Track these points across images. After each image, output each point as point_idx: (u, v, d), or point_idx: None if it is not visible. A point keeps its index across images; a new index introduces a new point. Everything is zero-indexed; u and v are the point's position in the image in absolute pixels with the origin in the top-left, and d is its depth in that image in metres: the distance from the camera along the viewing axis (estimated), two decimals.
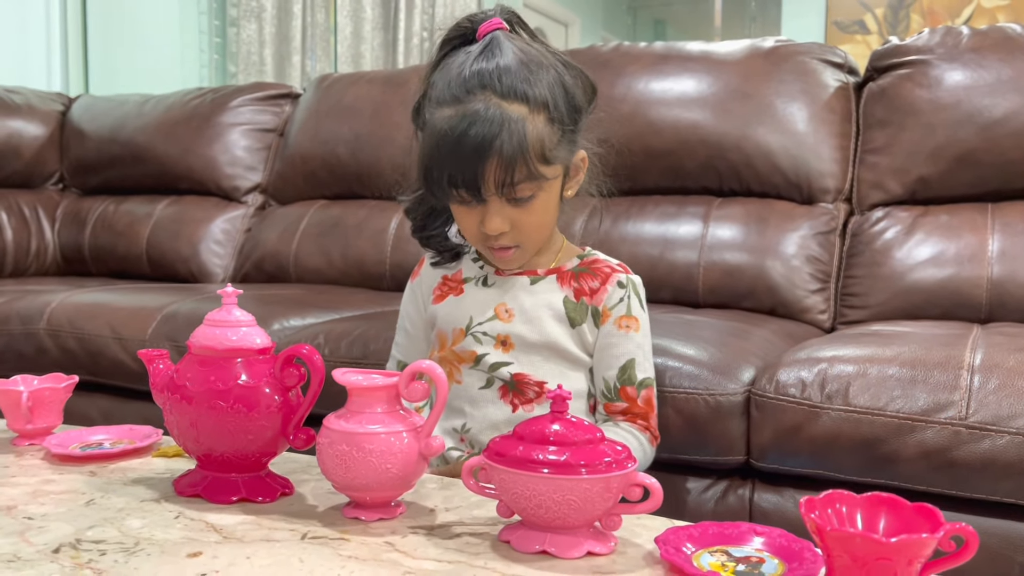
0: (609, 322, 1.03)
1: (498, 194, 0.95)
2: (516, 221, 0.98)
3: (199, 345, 0.73)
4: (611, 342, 1.03)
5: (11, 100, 2.48)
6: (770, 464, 1.13)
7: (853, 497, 0.56)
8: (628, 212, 1.84)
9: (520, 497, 0.61)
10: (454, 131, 0.93)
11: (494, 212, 0.97)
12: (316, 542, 0.63)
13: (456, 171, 0.94)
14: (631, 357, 1.03)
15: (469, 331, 1.03)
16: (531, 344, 1.02)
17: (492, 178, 0.94)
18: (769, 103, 1.79)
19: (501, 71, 0.95)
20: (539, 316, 1.02)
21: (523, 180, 0.95)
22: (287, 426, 0.72)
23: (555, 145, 0.97)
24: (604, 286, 1.04)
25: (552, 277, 1.05)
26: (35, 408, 0.88)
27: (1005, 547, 1.02)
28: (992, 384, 1.03)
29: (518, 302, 1.03)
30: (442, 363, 1.04)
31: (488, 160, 0.93)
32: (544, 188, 0.98)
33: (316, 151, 2.20)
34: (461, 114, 0.94)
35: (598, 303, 1.03)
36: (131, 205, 2.37)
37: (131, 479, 0.78)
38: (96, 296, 1.71)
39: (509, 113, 0.94)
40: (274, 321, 1.52)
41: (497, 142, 0.93)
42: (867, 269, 1.66)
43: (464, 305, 1.05)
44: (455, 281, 1.08)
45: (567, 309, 1.03)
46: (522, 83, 0.95)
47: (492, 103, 0.94)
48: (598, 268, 1.06)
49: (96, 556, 0.60)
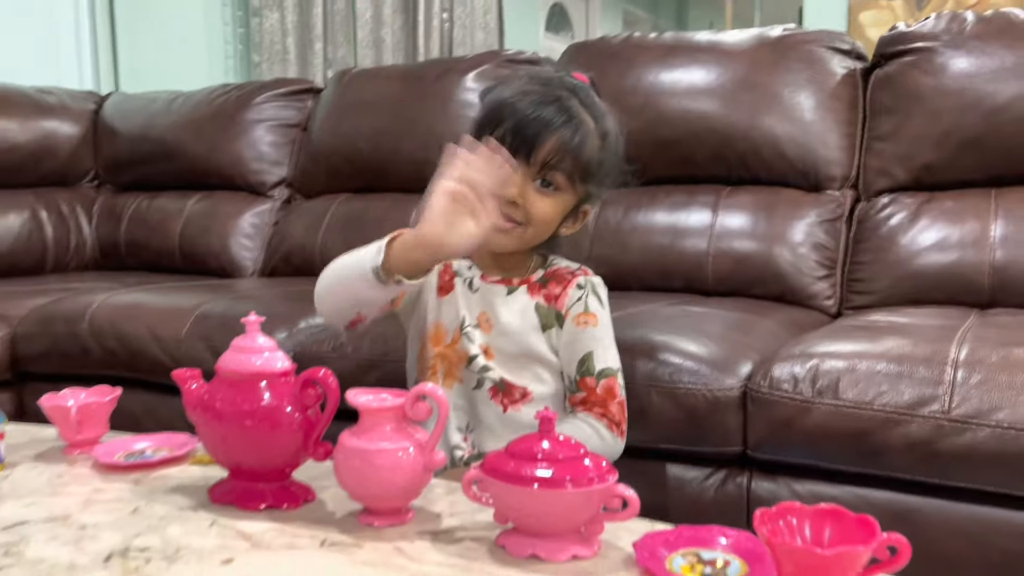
0: (568, 320, 1.10)
1: (537, 168, 1.05)
2: (531, 201, 1.06)
3: (227, 369, 0.81)
4: (572, 339, 1.10)
5: (45, 101, 2.57)
6: (766, 455, 1.20)
7: (803, 509, 0.62)
8: (639, 202, 1.89)
9: (512, 508, 0.69)
10: (535, 96, 1.05)
11: (519, 182, 1.04)
12: (334, 549, 0.71)
13: (521, 127, 1.03)
14: (589, 350, 1.10)
15: (463, 331, 1.10)
16: (509, 354, 1.10)
17: (546, 149, 1.04)
18: (776, 92, 1.83)
19: (587, 91, 1.10)
20: (516, 328, 1.10)
21: (563, 171, 1.05)
22: (307, 441, 0.80)
23: (592, 171, 1.08)
24: (565, 290, 1.12)
25: (524, 288, 1.12)
26: (83, 420, 0.97)
27: (987, 533, 1.08)
28: (975, 379, 1.08)
29: (496, 313, 1.11)
30: (443, 359, 1.11)
31: (553, 134, 1.04)
32: (566, 193, 1.08)
33: (338, 146, 2.27)
34: (549, 88, 1.07)
35: (560, 307, 1.11)
36: (163, 201, 2.47)
37: (171, 487, 0.86)
38: (134, 297, 1.80)
39: (583, 117, 1.07)
40: (300, 320, 1.60)
41: (569, 127, 1.05)
42: (873, 255, 1.70)
43: (457, 304, 1.12)
44: (448, 275, 1.14)
45: (539, 315, 1.11)
46: (598, 112, 1.10)
47: (574, 102, 1.07)
48: (560, 275, 1.13)
49: (142, 564, 0.68)
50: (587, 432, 1.07)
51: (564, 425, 1.07)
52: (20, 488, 0.87)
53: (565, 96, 1.07)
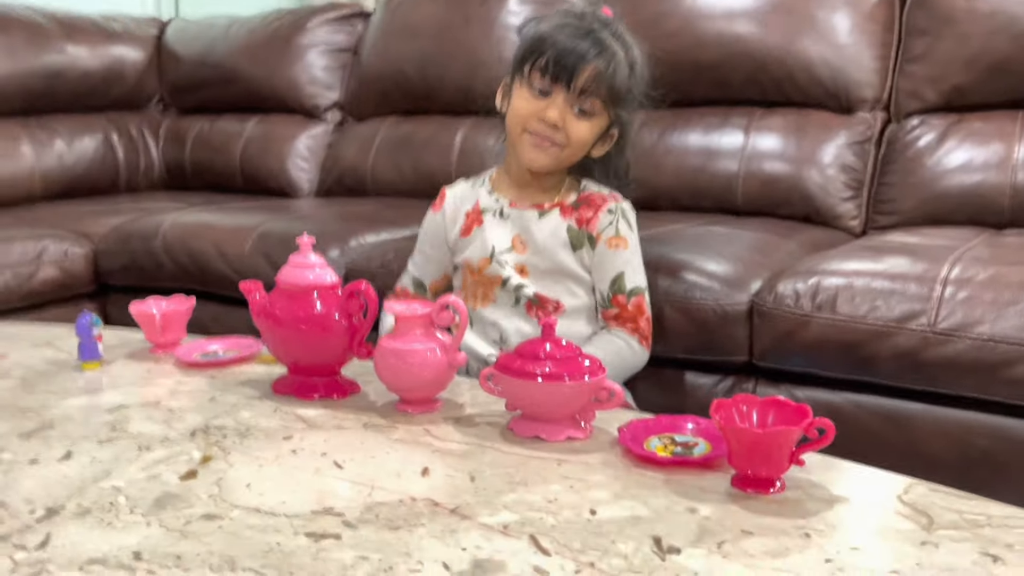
0: (601, 243, 1.22)
1: (576, 95, 1.16)
2: (570, 125, 1.17)
3: (285, 282, 0.95)
4: (604, 259, 1.22)
5: (111, 27, 2.70)
6: (769, 364, 1.31)
7: (753, 399, 0.74)
8: (675, 124, 1.95)
9: (519, 397, 0.82)
10: (573, 28, 1.17)
11: (557, 105, 1.16)
12: (373, 429, 0.86)
13: (561, 57, 1.15)
14: (620, 271, 1.22)
15: (493, 258, 1.23)
16: (543, 271, 1.22)
17: (585, 77, 1.14)
18: (812, 15, 1.85)
19: (616, 24, 1.21)
20: (548, 246, 1.22)
21: (599, 97, 1.17)
22: (352, 342, 0.94)
23: (622, 97, 1.19)
24: (596, 214, 1.22)
25: (556, 210, 1.23)
26: (165, 325, 1.13)
27: (967, 434, 1.19)
28: (961, 296, 1.17)
29: (530, 234, 1.22)
30: (477, 286, 1.24)
31: (591, 63, 1.14)
32: (600, 117, 1.19)
33: (386, 70, 2.37)
34: (583, 22, 1.18)
35: (592, 229, 1.22)
36: (224, 123, 2.60)
37: (240, 381, 1.02)
38: (201, 216, 1.96)
39: (614, 47, 1.17)
40: (351, 238, 1.74)
41: (603, 57, 1.15)
42: (899, 176, 1.76)
43: (486, 235, 1.24)
44: (475, 213, 1.26)
45: (570, 236, 1.22)
46: (627, 42, 1.20)
47: (606, 34, 1.18)
48: (592, 199, 1.24)
49: (220, 438, 0.84)
50: (620, 346, 1.21)
51: (601, 339, 1.20)
52: (118, 380, 1.04)
53: (598, 28, 1.17)
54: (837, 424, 1.23)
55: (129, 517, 0.68)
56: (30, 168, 2.40)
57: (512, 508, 0.68)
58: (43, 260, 1.88)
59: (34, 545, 0.64)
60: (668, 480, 0.73)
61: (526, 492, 0.71)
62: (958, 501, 0.69)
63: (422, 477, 0.75)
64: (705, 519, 0.66)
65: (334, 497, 0.71)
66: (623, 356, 1.21)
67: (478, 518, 0.67)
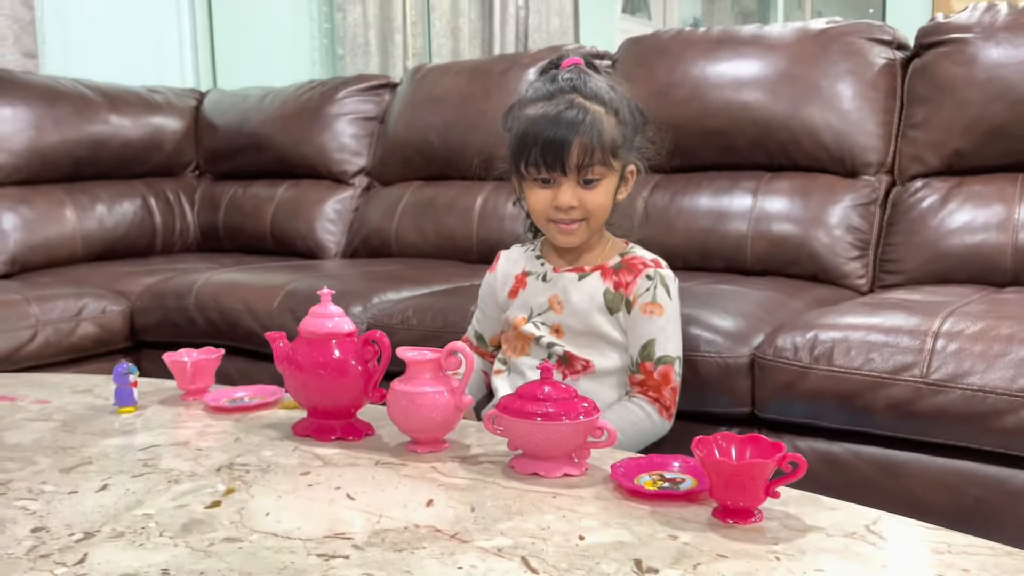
0: (636, 307, 1.24)
1: (575, 173, 1.20)
2: (583, 199, 1.22)
3: (306, 331, 1.03)
4: (637, 324, 1.24)
5: (153, 99, 2.86)
6: (771, 414, 1.36)
7: (734, 437, 0.80)
8: (685, 188, 2.03)
9: (520, 436, 0.88)
10: (547, 117, 1.20)
11: (567, 189, 1.21)
12: (384, 466, 0.92)
13: (546, 149, 1.19)
14: (652, 337, 1.23)
15: (530, 319, 1.29)
16: (577, 332, 1.26)
17: (575, 157, 1.19)
18: (817, 83, 1.93)
19: (586, 81, 1.24)
20: (583, 308, 1.25)
21: (597, 163, 1.20)
22: (367, 387, 1.01)
23: (620, 144, 1.23)
24: (635, 279, 1.25)
25: (596, 273, 1.27)
26: (195, 373, 1.21)
27: (962, 483, 1.22)
28: (951, 348, 1.22)
29: (567, 295, 1.27)
30: (516, 340, 1.31)
31: (574, 141, 1.18)
32: (608, 176, 1.23)
33: (411, 137, 2.48)
34: (554, 106, 1.21)
35: (630, 293, 1.25)
36: (256, 189, 2.73)
37: (263, 424, 1.09)
38: (232, 276, 2.05)
39: (590, 109, 1.21)
40: (374, 296, 1.82)
41: (582, 128, 1.18)
42: (904, 237, 1.81)
43: (528, 297, 1.30)
44: (522, 275, 1.33)
45: (606, 300, 1.26)
46: (603, 93, 1.23)
47: (578, 101, 1.21)
48: (634, 264, 1.27)
49: (243, 473, 0.91)
50: (640, 415, 1.23)
51: (621, 407, 1.23)
52: (151, 423, 1.11)
53: (569, 99, 1.21)
54: (836, 473, 1.29)
55: (159, 539, 0.75)
56: (72, 231, 2.53)
57: (507, 534, 0.74)
58: (82, 317, 1.98)
59: (73, 562, 0.71)
60: (654, 511, 0.79)
61: (521, 520, 0.77)
62: (923, 531, 0.73)
63: (426, 507, 0.81)
64: (685, 544, 0.72)
65: (345, 524, 0.77)
66: (641, 427, 1.23)
67: (475, 542, 0.73)
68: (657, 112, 1.96)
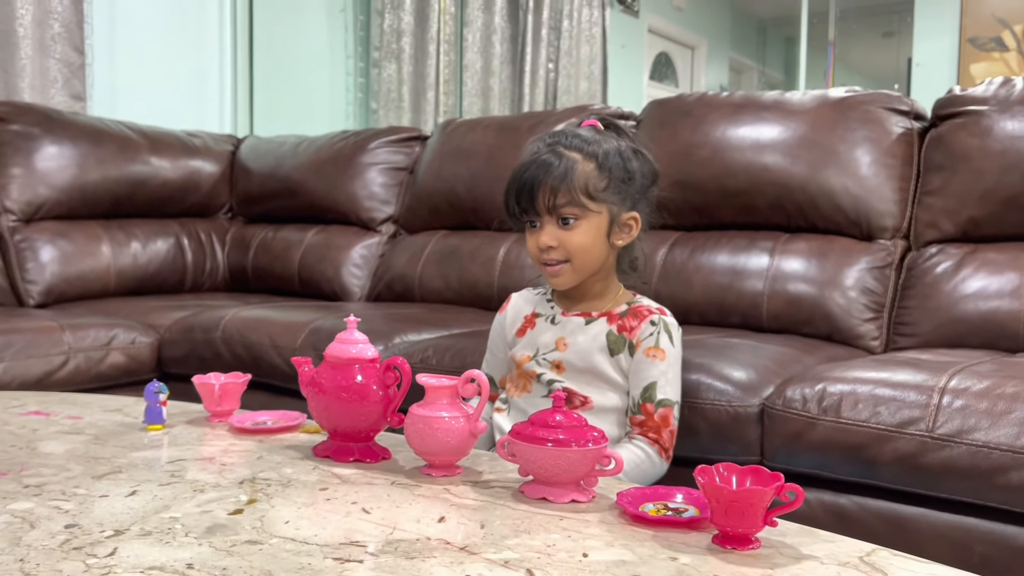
0: (639, 351, 1.30)
1: (548, 213, 1.26)
2: (562, 240, 1.27)
3: (331, 355, 1.08)
4: (640, 367, 1.29)
5: (192, 143, 2.97)
6: (779, 464, 1.38)
7: (735, 467, 0.83)
8: (704, 245, 2.08)
9: (530, 462, 0.92)
10: (524, 164, 1.28)
11: (547, 230, 1.27)
12: (399, 486, 0.96)
13: (520, 191, 1.27)
14: (654, 380, 1.28)
15: (534, 358, 1.34)
16: (578, 369, 1.31)
17: (544, 196, 1.24)
18: (835, 149, 1.98)
19: (571, 135, 1.30)
20: (586, 348, 1.31)
21: (566, 204, 1.25)
22: (387, 412, 1.06)
23: (601, 188, 1.27)
24: (640, 324, 1.31)
25: (603, 319, 1.33)
26: (223, 396, 1.26)
27: (966, 539, 1.24)
28: (957, 404, 1.25)
29: (573, 337, 1.33)
30: (519, 378, 1.36)
31: (542, 185, 1.24)
32: (587, 217, 1.27)
33: (439, 188, 2.56)
34: (539, 151, 1.29)
35: (633, 337, 1.31)
36: (286, 232, 2.81)
37: (285, 445, 1.13)
38: (259, 312, 2.12)
39: (565, 155, 1.27)
40: (396, 336, 1.87)
41: (552, 169, 1.24)
42: (918, 301, 1.84)
43: (535, 337, 1.36)
44: (532, 316, 1.39)
45: (608, 341, 1.31)
46: (584, 143, 1.29)
47: (557, 150, 1.28)
48: (639, 311, 1.33)
49: (264, 487, 0.95)
50: (641, 456, 1.27)
51: (622, 448, 1.27)
52: (178, 440, 1.16)
53: (551, 147, 1.27)
54: (842, 526, 1.31)
55: (184, 539, 0.79)
56: (107, 265, 2.61)
57: (514, 549, 0.77)
58: (112, 346, 2.04)
59: (104, 554, 0.75)
60: (656, 535, 0.82)
61: (528, 538, 0.80)
62: (914, 564, 0.76)
63: (438, 523, 0.84)
64: (684, 565, 0.75)
65: (360, 533, 0.81)
66: (643, 468, 1.27)
67: (483, 555, 0.76)
68: (679, 171, 2.07)
